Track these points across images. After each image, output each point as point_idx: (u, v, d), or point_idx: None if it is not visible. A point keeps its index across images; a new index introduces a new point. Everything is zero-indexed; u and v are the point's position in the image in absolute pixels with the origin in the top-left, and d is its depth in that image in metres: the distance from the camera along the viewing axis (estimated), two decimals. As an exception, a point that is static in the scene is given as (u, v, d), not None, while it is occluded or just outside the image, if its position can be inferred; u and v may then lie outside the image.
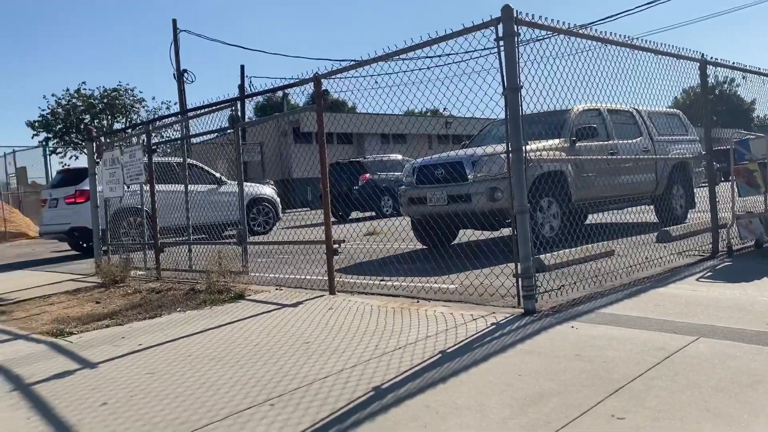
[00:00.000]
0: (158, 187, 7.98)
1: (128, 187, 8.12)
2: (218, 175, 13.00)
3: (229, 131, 7.45)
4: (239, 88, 32.51)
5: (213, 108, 7.25)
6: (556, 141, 7.63)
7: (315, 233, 6.93)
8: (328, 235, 5.70)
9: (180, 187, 8.26)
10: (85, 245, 12.14)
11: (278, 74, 56.18)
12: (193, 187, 9.06)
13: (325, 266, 5.76)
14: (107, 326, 5.03)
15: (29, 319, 5.70)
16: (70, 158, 33.60)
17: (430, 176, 7.93)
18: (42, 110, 33.95)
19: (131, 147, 8.03)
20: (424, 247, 8.65)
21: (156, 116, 30.64)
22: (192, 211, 8.08)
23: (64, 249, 13.90)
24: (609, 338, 3.50)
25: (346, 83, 5.74)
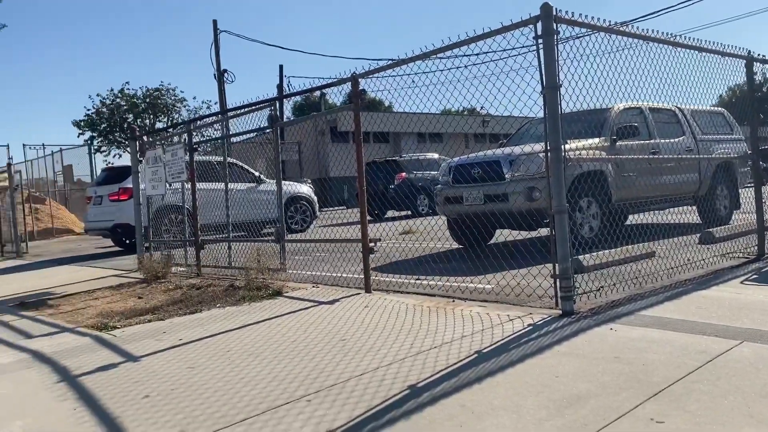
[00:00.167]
0: (199, 186, 8.14)
1: (170, 185, 8.26)
2: (257, 174, 13.16)
3: (268, 130, 7.53)
4: (278, 88, 32.93)
5: (252, 108, 7.36)
6: (596, 140, 7.52)
7: (351, 232, 6.96)
8: (364, 234, 5.73)
9: (220, 186, 8.40)
10: (128, 242, 12.41)
11: (316, 74, 56.59)
12: (233, 186, 9.22)
13: (361, 264, 5.79)
14: (149, 321, 5.16)
15: (75, 313, 5.89)
16: (114, 156, 34.61)
17: (467, 175, 7.90)
18: (87, 110, 35.07)
19: (173, 146, 8.17)
20: (460, 247, 8.62)
21: (197, 116, 31.29)
22: (232, 209, 8.22)
23: (108, 245, 14.24)
24: (649, 341, 3.43)
25: (383, 82, 5.77)
